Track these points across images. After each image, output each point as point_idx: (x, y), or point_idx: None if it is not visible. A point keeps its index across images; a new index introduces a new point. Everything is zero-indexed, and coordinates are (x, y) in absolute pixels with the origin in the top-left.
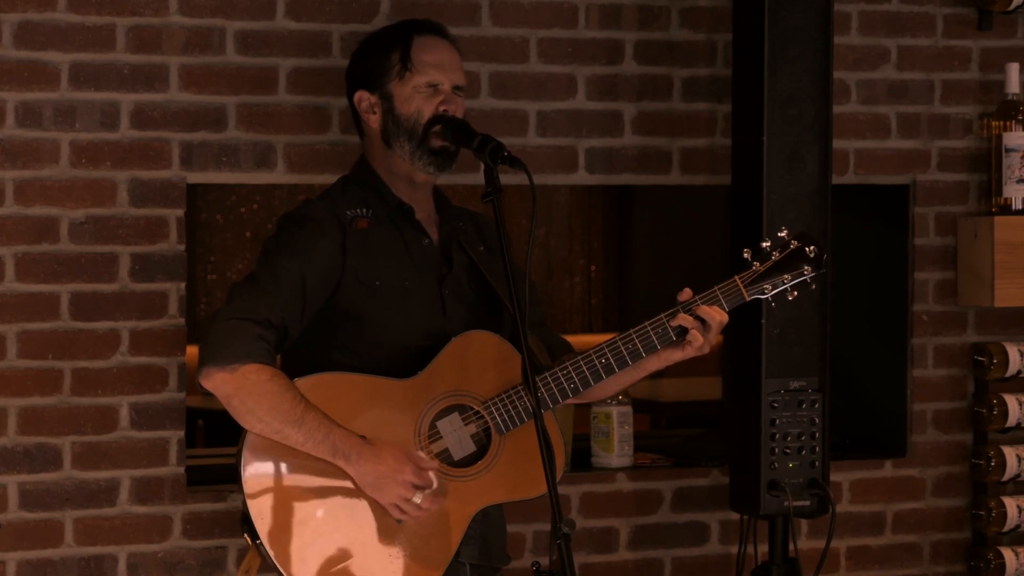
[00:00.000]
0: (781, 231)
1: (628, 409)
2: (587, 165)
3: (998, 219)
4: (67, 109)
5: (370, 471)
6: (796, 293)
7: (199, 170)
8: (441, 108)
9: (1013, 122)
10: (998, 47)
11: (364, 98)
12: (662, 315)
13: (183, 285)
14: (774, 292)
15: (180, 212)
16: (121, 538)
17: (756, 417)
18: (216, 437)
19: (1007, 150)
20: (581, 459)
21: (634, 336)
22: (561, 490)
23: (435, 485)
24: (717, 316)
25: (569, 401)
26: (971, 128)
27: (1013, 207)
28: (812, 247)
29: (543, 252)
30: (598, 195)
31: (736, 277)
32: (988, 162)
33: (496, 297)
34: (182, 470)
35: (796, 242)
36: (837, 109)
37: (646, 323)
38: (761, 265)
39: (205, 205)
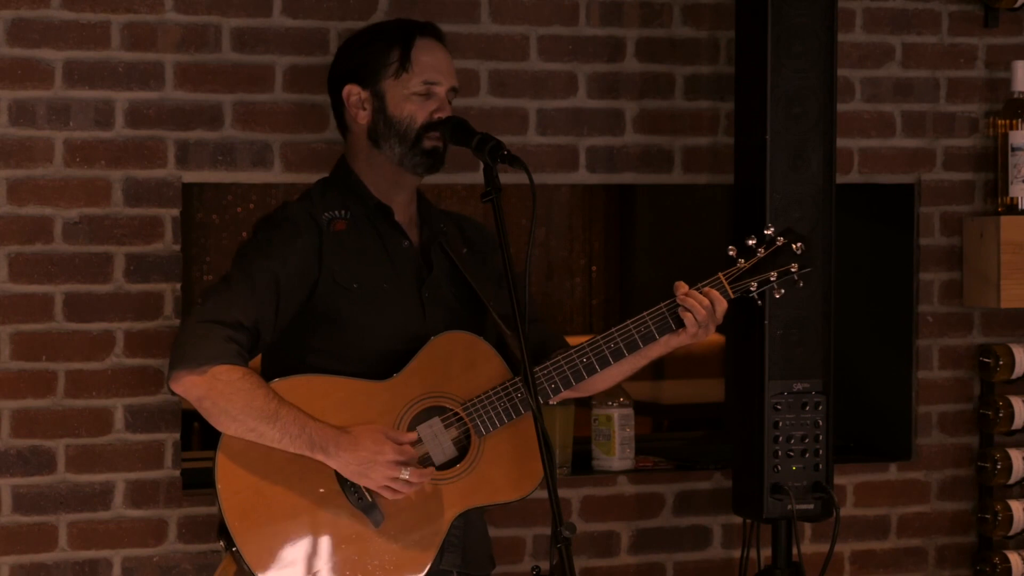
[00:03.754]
0: (767, 228)
1: (630, 411)
2: (588, 164)
3: (1004, 219)
4: (61, 107)
5: (351, 459)
6: (784, 291)
7: (195, 169)
8: (436, 115)
9: (1019, 120)
10: (1004, 44)
11: (354, 92)
12: (655, 308)
13: (178, 286)
14: (760, 289)
15: (175, 212)
16: (115, 542)
17: (759, 419)
18: (212, 440)
19: (1013, 149)
20: (582, 462)
21: (616, 335)
22: (562, 493)
23: (416, 457)
24: (724, 302)
25: (569, 394)
26: (977, 126)
27: (1019, 207)
28: (799, 243)
29: (543, 252)
30: (599, 194)
31: (720, 274)
32: (994, 161)
33: (478, 300)
34: (177, 473)
35: (782, 239)
36: (841, 107)
37: (628, 321)
38: (746, 262)
39: (201, 205)
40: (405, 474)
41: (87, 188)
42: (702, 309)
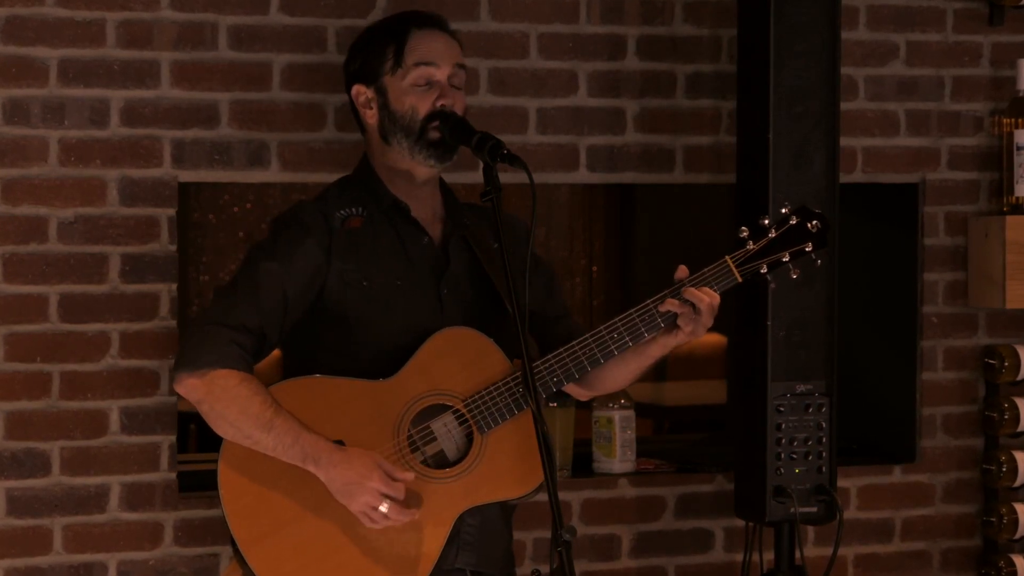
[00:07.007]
0: (784, 207)
1: (631, 413)
2: (588, 163)
3: (1009, 218)
4: (56, 106)
5: (338, 477)
6: (799, 271)
7: (191, 168)
8: (439, 104)
9: None
10: (1009, 42)
11: (361, 92)
12: (649, 301)
13: (175, 286)
14: (772, 271)
15: (172, 211)
16: (111, 545)
17: (762, 421)
18: (208, 442)
19: (1019, 148)
20: (582, 464)
21: (619, 324)
22: (562, 496)
23: (402, 496)
24: (706, 298)
25: (578, 390)
26: (982, 125)
27: None
28: (814, 221)
29: (543, 253)
30: (600, 194)
31: (727, 257)
32: (999, 160)
33: (498, 294)
34: (174, 476)
35: (796, 217)
36: (844, 106)
37: (632, 310)
38: (755, 244)
39: (197, 204)
40: (383, 507)
41: (82, 188)
42: (688, 321)
